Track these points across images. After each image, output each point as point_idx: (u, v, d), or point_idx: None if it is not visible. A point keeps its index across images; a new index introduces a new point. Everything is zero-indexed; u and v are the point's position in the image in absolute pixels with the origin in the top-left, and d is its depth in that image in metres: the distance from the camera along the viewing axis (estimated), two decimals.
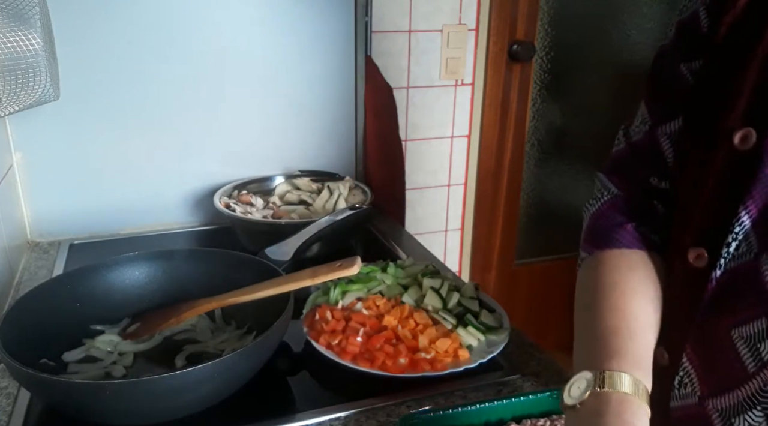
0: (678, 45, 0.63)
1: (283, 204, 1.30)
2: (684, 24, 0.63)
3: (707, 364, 0.58)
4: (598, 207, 0.69)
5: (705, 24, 0.59)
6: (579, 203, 0.66)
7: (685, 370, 0.60)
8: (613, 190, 0.68)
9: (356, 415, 0.72)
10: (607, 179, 0.70)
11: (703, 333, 0.58)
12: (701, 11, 0.60)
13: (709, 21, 0.59)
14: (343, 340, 0.80)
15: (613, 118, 1.98)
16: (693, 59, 0.61)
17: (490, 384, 0.78)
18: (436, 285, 0.91)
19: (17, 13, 0.88)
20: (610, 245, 0.64)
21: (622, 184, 0.68)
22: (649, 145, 0.65)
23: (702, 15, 0.60)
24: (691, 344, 0.59)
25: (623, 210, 0.66)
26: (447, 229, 1.85)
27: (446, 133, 1.73)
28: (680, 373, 0.60)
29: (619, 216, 0.66)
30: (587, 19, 1.90)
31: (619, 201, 0.67)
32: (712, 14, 0.58)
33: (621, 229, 0.65)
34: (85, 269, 0.87)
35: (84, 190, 1.25)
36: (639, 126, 0.67)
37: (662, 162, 0.64)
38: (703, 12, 0.60)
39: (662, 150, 0.64)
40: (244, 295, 0.81)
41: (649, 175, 0.66)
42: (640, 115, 0.67)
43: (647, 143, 0.65)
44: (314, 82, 1.35)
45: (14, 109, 0.92)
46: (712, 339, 0.57)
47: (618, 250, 0.64)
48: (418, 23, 1.58)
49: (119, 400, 0.64)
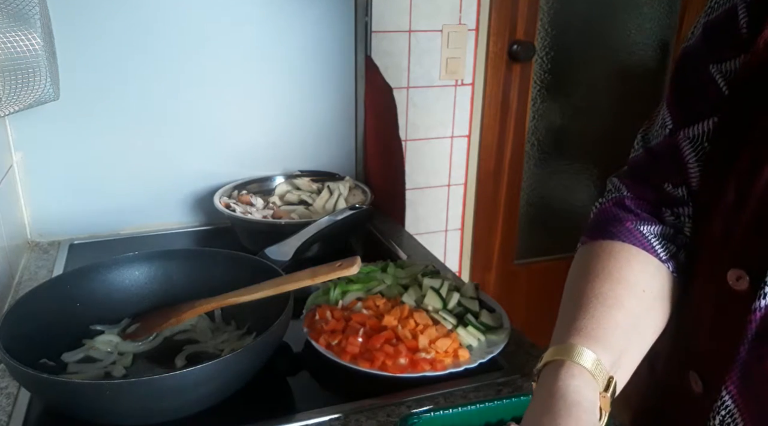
0: (707, 46, 0.60)
1: (283, 204, 1.30)
2: (715, 24, 0.59)
3: (756, 406, 0.54)
4: (602, 204, 0.68)
5: (744, 23, 0.55)
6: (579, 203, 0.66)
7: (727, 410, 0.56)
8: (622, 190, 0.68)
9: (356, 415, 0.72)
10: (619, 181, 0.69)
11: (750, 370, 0.54)
12: (740, 10, 0.56)
13: (750, 20, 0.55)
14: (343, 340, 0.80)
15: (613, 118, 2.00)
16: (725, 60, 0.57)
17: (490, 384, 0.78)
18: (436, 285, 0.91)
19: (17, 13, 0.88)
20: (604, 237, 0.64)
21: (633, 186, 0.67)
22: (669, 150, 0.63)
23: (741, 14, 0.56)
24: (734, 381, 0.55)
25: (627, 209, 0.66)
26: (447, 229, 1.85)
27: (446, 133, 1.73)
28: (722, 413, 0.56)
29: (621, 213, 0.66)
30: (587, 19, 1.90)
31: (625, 201, 0.67)
32: (754, 14, 0.55)
33: (618, 224, 0.64)
34: (85, 269, 0.87)
35: (84, 190, 1.25)
36: (658, 130, 0.65)
37: (681, 167, 0.62)
38: (743, 11, 0.56)
39: (683, 154, 0.61)
40: (244, 295, 0.81)
41: (664, 181, 0.64)
42: (660, 119, 0.65)
43: (666, 147, 0.63)
44: (314, 82, 1.35)
45: (14, 109, 0.92)
46: (762, 378, 0.53)
47: (610, 241, 0.63)
48: (418, 23, 1.58)
49: (119, 400, 0.64)
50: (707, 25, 0.60)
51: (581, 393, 0.50)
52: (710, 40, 0.59)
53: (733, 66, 0.57)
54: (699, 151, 0.60)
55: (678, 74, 0.64)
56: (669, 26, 1.97)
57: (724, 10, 0.58)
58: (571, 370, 0.52)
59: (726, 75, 0.57)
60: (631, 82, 1.98)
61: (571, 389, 0.50)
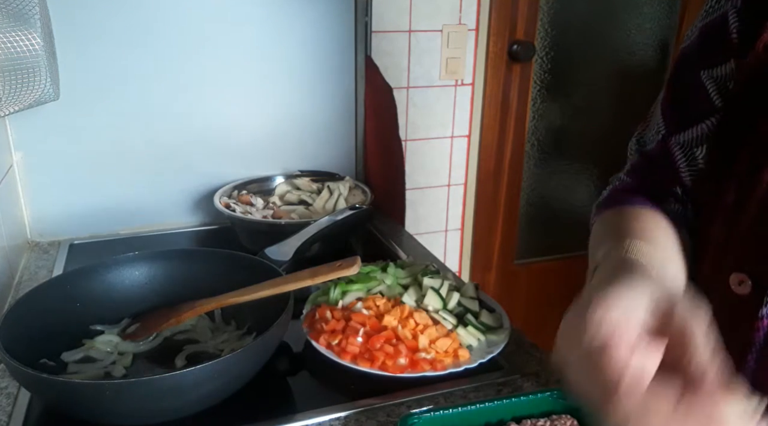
0: (701, 49, 0.59)
1: (283, 204, 1.30)
2: (710, 28, 0.58)
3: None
4: (609, 191, 0.68)
5: (734, 29, 0.55)
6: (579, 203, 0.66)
7: None
8: (627, 180, 0.67)
9: (356, 415, 0.72)
10: (624, 175, 0.69)
11: (759, 380, 0.51)
12: (731, 15, 0.55)
13: (740, 26, 0.54)
14: (343, 340, 0.80)
15: (613, 118, 2.00)
16: (716, 65, 0.57)
17: (490, 384, 0.78)
18: (436, 285, 0.91)
19: (17, 13, 0.88)
20: (622, 204, 0.62)
21: (638, 180, 0.67)
22: (662, 154, 0.63)
23: (732, 20, 0.55)
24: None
25: (636, 191, 0.65)
26: (447, 229, 1.85)
27: (446, 133, 1.73)
28: None
29: (631, 193, 0.65)
30: (587, 19, 1.90)
31: (633, 186, 0.66)
32: (744, 21, 0.54)
33: (631, 197, 0.63)
34: (84, 269, 0.87)
35: (84, 190, 1.25)
36: (653, 135, 0.65)
37: (675, 172, 0.62)
38: (733, 16, 0.55)
39: (674, 159, 0.61)
40: (244, 295, 0.81)
41: (663, 181, 0.64)
42: (655, 124, 0.65)
43: (659, 152, 0.63)
44: (314, 82, 1.35)
45: (14, 109, 0.92)
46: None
47: (630, 206, 0.62)
48: (418, 23, 1.58)
49: (119, 400, 0.64)
50: (703, 29, 0.60)
51: (646, 259, 0.47)
52: (704, 44, 0.59)
53: (724, 71, 0.56)
54: (689, 157, 0.60)
55: (674, 77, 0.63)
56: (669, 26, 1.97)
57: (718, 14, 0.57)
58: (630, 253, 0.48)
59: (717, 80, 0.57)
60: (631, 82, 1.98)
61: (634, 259, 0.47)
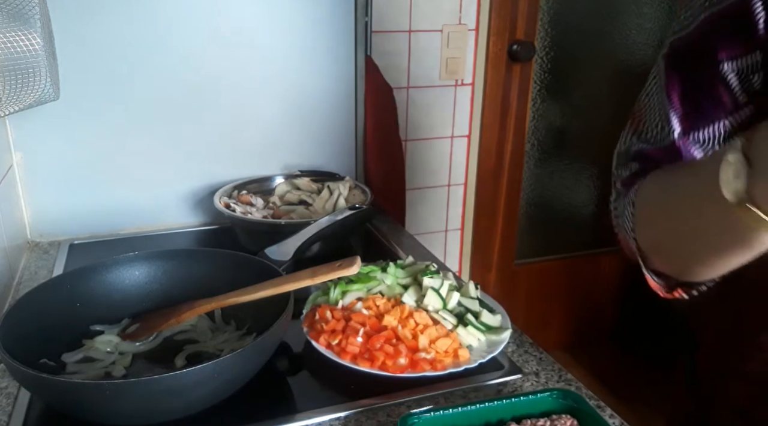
0: (713, 42, 0.56)
1: (283, 204, 1.30)
2: (720, 18, 0.55)
3: None
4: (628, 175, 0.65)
5: (762, 20, 0.52)
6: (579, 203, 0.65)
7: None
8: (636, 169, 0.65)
9: (356, 415, 0.72)
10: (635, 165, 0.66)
11: None
12: (756, 6, 0.52)
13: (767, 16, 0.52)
14: (343, 340, 0.80)
15: (614, 118, 2.00)
16: (738, 57, 0.54)
17: (490, 384, 0.78)
18: (436, 285, 0.91)
19: (17, 13, 0.88)
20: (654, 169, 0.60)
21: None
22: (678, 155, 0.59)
23: (757, 9, 0.52)
24: None
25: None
26: (447, 229, 1.85)
27: (446, 133, 1.73)
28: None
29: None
30: (587, 19, 1.90)
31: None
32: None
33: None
34: (85, 269, 0.87)
35: (84, 190, 1.25)
36: (654, 136, 0.62)
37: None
38: (759, 6, 0.52)
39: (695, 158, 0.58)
40: (243, 295, 0.81)
41: None
42: (655, 125, 0.62)
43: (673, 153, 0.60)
44: (314, 81, 1.35)
45: (14, 109, 0.92)
46: None
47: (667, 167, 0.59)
48: (418, 23, 1.58)
49: (119, 400, 0.64)
50: (710, 18, 0.56)
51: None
52: (715, 35, 0.56)
53: (747, 63, 0.54)
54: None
55: (679, 72, 0.60)
56: (669, 26, 1.97)
57: (729, 3, 0.55)
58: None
59: (739, 73, 0.54)
60: (631, 82, 1.98)
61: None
